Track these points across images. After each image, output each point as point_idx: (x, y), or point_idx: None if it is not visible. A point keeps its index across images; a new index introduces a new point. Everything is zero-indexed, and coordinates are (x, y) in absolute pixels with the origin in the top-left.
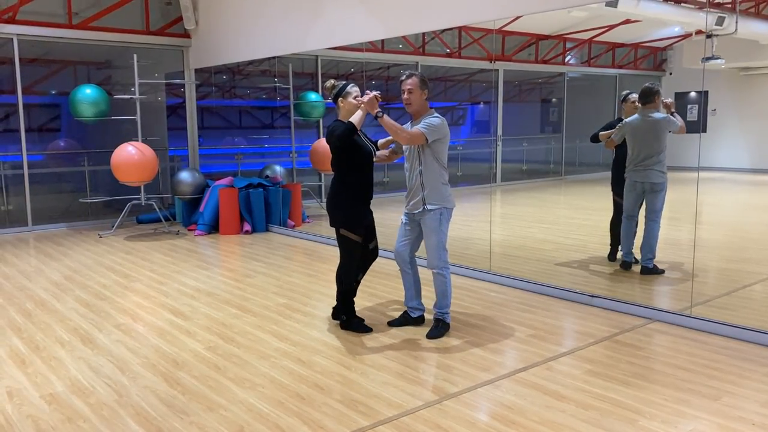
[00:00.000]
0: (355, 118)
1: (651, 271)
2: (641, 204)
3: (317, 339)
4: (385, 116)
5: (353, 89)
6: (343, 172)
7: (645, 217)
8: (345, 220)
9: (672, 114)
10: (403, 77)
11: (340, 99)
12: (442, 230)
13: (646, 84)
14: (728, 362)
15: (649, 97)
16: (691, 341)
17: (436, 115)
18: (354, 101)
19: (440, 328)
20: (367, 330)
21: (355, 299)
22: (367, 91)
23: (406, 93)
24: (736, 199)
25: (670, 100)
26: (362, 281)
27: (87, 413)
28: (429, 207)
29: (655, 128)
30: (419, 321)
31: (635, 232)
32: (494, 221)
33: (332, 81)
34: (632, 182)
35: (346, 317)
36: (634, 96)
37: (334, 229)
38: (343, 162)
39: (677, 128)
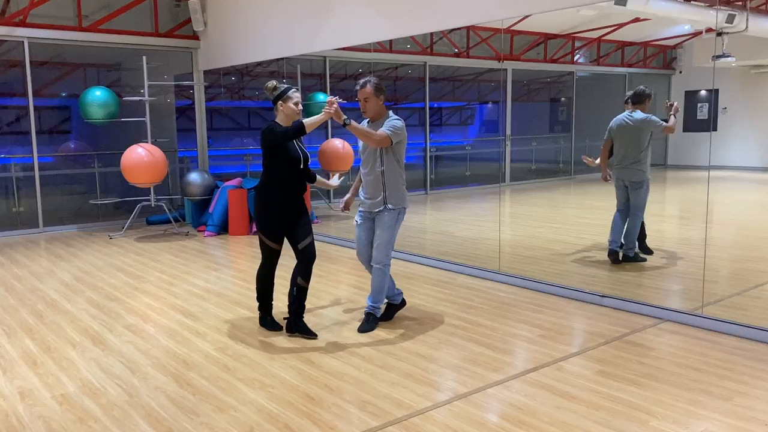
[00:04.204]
0: (311, 120)
1: (632, 259)
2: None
3: (327, 339)
4: (353, 122)
5: (295, 94)
6: (269, 173)
7: (629, 211)
8: (261, 225)
9: (670, 116)
10: (358, 86)
11: (279, 102)
12: (395, 229)
13: (640, 86)
14: (740, 362)
15: (640, 98)
16: (703, 341)
17: (397, 117)
18: (293, 107)
19: (371, 321)
20: (277, 329)
21: (305, 300)
22: (329, 98)
23: (362, 102)
24: (747, 197)
25: (675, 103)
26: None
27: (98, 414)
28: (390, 206)
29: (636, 128)
30: (403, 304)
31: (624, 224)
32: (503, 221)
33: (274, 82)
34: (617, 180)
35: (261, 315)
36: None
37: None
38: (269, 163)
39: (660, 129)
